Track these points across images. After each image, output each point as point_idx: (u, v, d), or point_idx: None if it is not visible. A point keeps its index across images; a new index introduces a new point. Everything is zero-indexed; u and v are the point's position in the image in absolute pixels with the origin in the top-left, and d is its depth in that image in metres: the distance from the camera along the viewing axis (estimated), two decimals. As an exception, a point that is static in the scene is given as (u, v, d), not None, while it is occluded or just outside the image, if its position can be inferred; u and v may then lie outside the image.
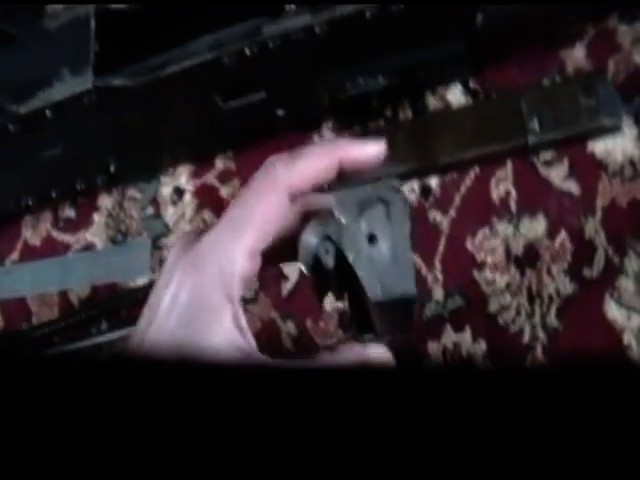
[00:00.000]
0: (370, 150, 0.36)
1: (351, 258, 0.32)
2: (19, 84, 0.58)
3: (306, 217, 0.33)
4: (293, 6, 0.58)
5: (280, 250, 0.33)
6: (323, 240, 0.32)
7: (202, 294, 0.31)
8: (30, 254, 0.71)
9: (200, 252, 0.31)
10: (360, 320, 0.34)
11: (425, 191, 0.59)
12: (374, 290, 0.31)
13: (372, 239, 0.32)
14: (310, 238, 0.32)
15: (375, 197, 0.32)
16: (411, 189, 0.59)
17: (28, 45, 0.60)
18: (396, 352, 0.35)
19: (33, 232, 0.71)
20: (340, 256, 0.32)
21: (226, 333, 0.30)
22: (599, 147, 0.54)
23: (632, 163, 0.53)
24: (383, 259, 0.32)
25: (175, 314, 0.31)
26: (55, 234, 0.71)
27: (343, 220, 0.32)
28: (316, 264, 0.33)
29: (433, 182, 0.59)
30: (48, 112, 0.57)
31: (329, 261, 0.32)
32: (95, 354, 0.64)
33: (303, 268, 0.33)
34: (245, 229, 0.31)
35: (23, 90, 0.58)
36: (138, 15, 0.61)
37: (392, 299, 0.31)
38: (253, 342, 0.31)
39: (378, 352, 0.34)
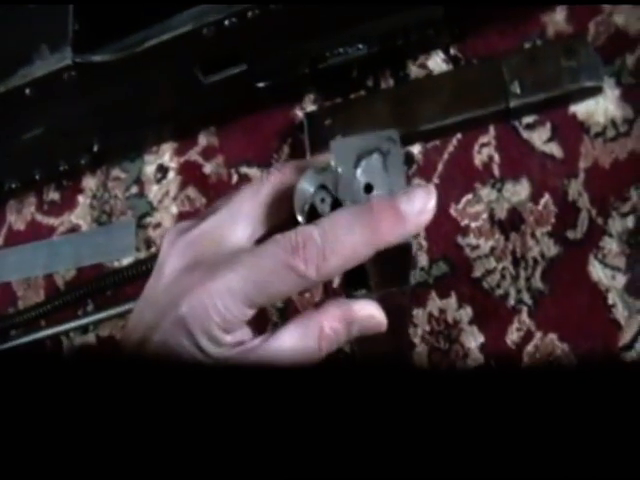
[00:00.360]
0: None
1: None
2: (-2, 62, 0.57)
3: (302, 169, 0.33)
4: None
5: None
6: (319, 189, 0.32)
7: (197, 267, 0.31)
8: (15, 239, 0.71)
9: (199, 233, 0.32)
10: (352, 275, 0.33)
11: (408, 159, 0.58)
12: None
13: (368, 189, 0.32)
14: (306, 187, 0.32)
15: (372, 147, 0.32)
16: (394, 158, 0.59)
17: (6, 23, 0.59)
18: (389, 309, 0.35)
19: (17, 216, 0.71)
20: (336, 205, 0.32)
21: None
22: (581, 109, 0.54)
23: (614, 124, 0.53)
24: None
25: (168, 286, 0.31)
26: (40, 218, 0.70)
27: (340, 169, 0.32)
28: (311, 214, 0.32)
29: (416, 150, 0.58)
30: (28, 90, 0.57)
31: (325, 209, 0.32)
32: (85, 341, 0.64)
33: (299, 217, 0.32)
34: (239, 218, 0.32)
35: (1, 69, 0.57)
36: (116, -10, 0.61)
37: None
38: None
39: (367, 309, 0.34)
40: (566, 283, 0.51)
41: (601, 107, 0.54)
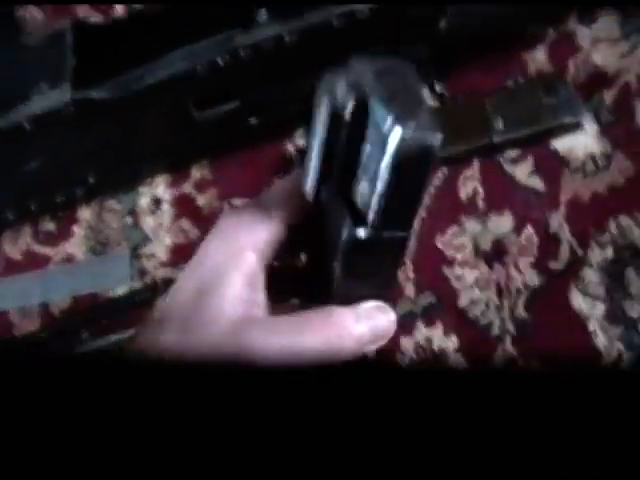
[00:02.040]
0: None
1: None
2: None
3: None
4: (264, 17, 0.60)
5: None
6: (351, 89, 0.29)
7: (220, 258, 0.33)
8: (11, 269, 0.72)
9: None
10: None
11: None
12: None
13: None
14: (337, 85, 0.29)
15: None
16: (382, 191, 0.61)
17: (7, 61, 0.61)
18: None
19: (13, 246, 0.72)
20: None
21: (234, 287, 0.32)
22: (561, 144, 0.57)
23: (593, 159, 0.55)
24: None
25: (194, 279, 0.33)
26: (36, 248, 0.72)
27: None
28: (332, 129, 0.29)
29: (403, 184, 0.60)
30: (27, 125, 0.59)
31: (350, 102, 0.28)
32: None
33: (319, 128, 0.30)
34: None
35: (2, 104, 0.59)
36: (114, 30, 0.63)
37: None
38: (262, 297, 0.33)
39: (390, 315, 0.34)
40: (548, 312, 0.53)
41: (580, 143, 0.56)
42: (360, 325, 0.32)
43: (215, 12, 0.62)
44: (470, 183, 0.58)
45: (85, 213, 0.71)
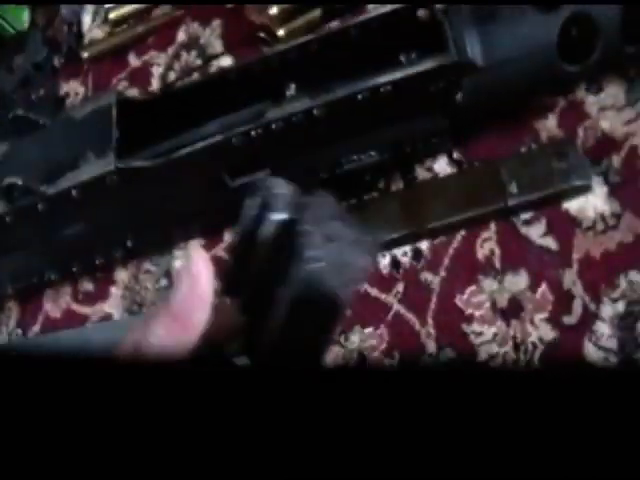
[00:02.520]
0: None
1: (305, 231, 0.30)
2: (48, 167, 0.64)
3: None
4: (293, 90, 0.65)
5: None
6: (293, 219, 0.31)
7: None
8: (51, 326, 0.76)
9: None
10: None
11: (417, 254, 0.64)
12: (307, 279, 0.30)
13: (329, 239, 0.31)
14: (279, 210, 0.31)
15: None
16: (404, 253, 0.64)
17: (57, 133, 0.66)
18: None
19: (54, 305, 0.76)
20: (285, 228, 0.31)
21: None
22: (573, 205, 0.60)
23: (603, 218, 0.59)
24: (332, 255, 0.31)
25: None
26: (75, 307, 0.76)
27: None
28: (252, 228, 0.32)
29: (424, 246, 0.64)
30: (74, 192, 0.63)
31: (268, 228, 0.31)
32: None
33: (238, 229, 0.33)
34: None
35: (52, 172, 0.64)
36: (153, 103, 0.68)
37: (323, 294, 0.30)
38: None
39: None
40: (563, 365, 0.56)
41: (591, 203, 0.60)
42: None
43: (247, 86, 0.67)
44: (487, 244, 0.62)
45: (122, 274, 0.75)
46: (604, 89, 0.63)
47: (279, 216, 0.32)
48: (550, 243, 0.60)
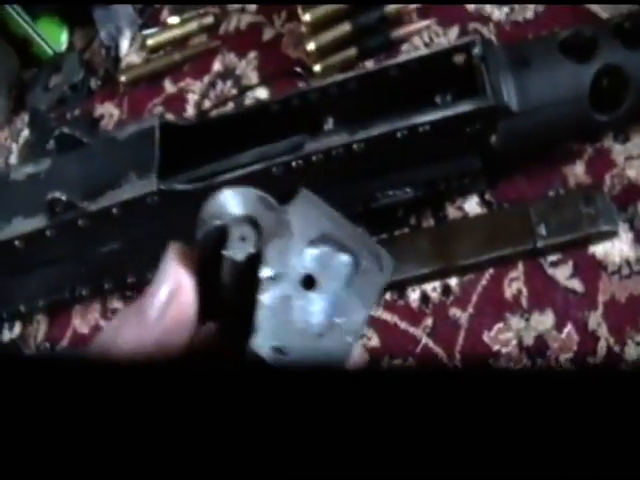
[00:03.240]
0: None
1: (264, 277, 0.24)
2: (91, 185, 0.66)
3: None
4: (331, 125, 0.67)
5: None
6: (246, 221, 0.26)
7: None
8: (79, 342, 0.77)
9: None
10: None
11: (446, 290, 0.66)
12: (262, 343, 0.24)
13: (309, 283, 0.25)
14: (230, 205, 0.26)
15: (349, 245, 0.26)
16: (433, 288, 0.66)
17: (100, 151, 0.68)
18: None
19: (82, 321, 0.78)
20: (253, 263, 0.25)
21: None
22: (599, 249, 0.62)
23: (628, 263, 0.61)
24: (304, 320, 0.24)
25: None
26: (103, 323, 0.77)
27: (294, 226, 0.25)
28: (216, 244, 0.26)
29: (453, 282, 0.65)
30: (115, 210, 0.65)
31: (237, 253, 0.26)
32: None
33: (199, 238, 0.27)
34: None
35: (94, 190, 0.65)
36: (196, 129, 0.70)
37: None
38: None
39: None
40: (587, 404, 0.57)
41: (617, 248, 0.62)
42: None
43: (285, 119, 0.69)
44: (515, 283, 0.64)
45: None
46: (631, 139, 0.66)
47: (240, 255, 0.27)
48: (576, 285, 0.62)
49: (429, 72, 0.67)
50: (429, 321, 0.64)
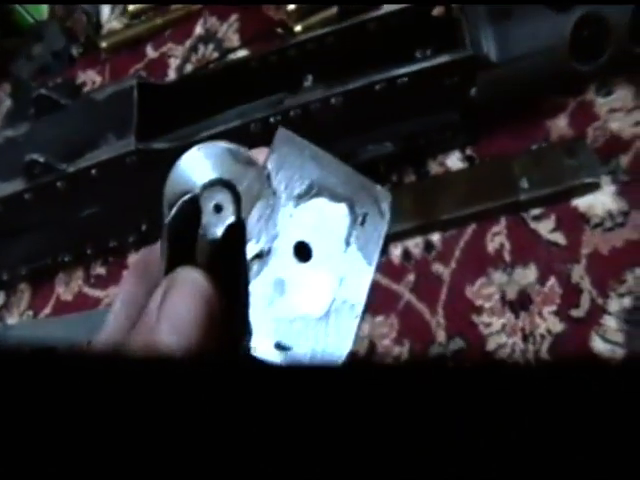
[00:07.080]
0: None
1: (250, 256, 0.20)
2: (68, 147, 0.65)
3: None
4: (310, 82, 0.66)
5: None
6: (219, 186, 0.22)
7: None
8: (62, 309, 0.77)
9: None
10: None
11: (428, 246, 0.65)
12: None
13: (303, 252, 0.22)
14: (197, 171, 0.22)
15: (345, 194, 0.22)
16: (415, 244, 0.65)
17: (79, 113, 0.68)
18: None
19: (66, 288, 0.77)
20: (235, 233, 0.21)
21: None
22: (581, 203, 0.61)
23: (611, 216, 0.60)
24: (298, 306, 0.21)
25: None
26: (87, 290, 0.76)
27: (275, 183, 0.21)
28: (184, 219, 0.23)
29: (435, 238, 0.65)
30: (93, 171, 0.64)
31: (213, 229, 0.21)
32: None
33: (165, 216, 0.23)
34: None
35: (72, 152, 0.65)
36: (175, 89, 0.69)
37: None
38: None
39: None
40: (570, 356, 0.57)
41: (599, 201, 0.61)
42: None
43: (264, 76, 0.69)
44: (497, 238, 0.63)
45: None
46: (613, 91, 0.65)
47: (217, 229, 0.22)
48: (559, 238, 0.61)
49: (409, 27, 0.66)
50: (411, 277, 0.64)
